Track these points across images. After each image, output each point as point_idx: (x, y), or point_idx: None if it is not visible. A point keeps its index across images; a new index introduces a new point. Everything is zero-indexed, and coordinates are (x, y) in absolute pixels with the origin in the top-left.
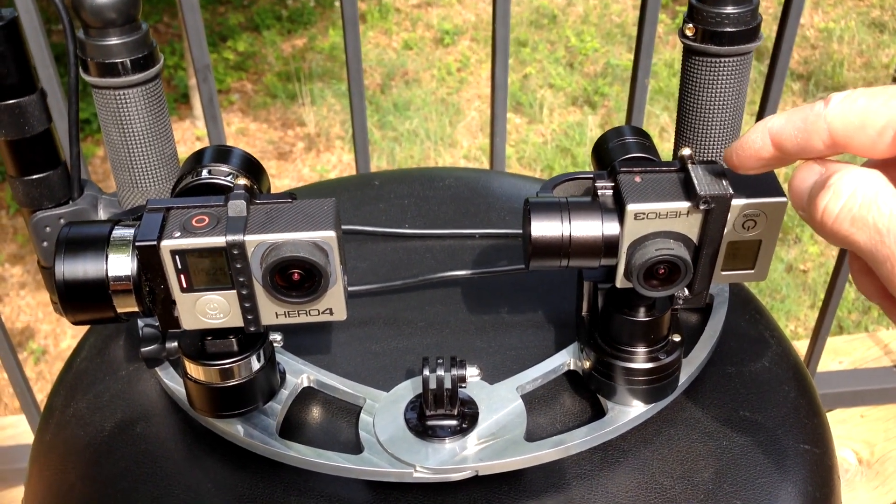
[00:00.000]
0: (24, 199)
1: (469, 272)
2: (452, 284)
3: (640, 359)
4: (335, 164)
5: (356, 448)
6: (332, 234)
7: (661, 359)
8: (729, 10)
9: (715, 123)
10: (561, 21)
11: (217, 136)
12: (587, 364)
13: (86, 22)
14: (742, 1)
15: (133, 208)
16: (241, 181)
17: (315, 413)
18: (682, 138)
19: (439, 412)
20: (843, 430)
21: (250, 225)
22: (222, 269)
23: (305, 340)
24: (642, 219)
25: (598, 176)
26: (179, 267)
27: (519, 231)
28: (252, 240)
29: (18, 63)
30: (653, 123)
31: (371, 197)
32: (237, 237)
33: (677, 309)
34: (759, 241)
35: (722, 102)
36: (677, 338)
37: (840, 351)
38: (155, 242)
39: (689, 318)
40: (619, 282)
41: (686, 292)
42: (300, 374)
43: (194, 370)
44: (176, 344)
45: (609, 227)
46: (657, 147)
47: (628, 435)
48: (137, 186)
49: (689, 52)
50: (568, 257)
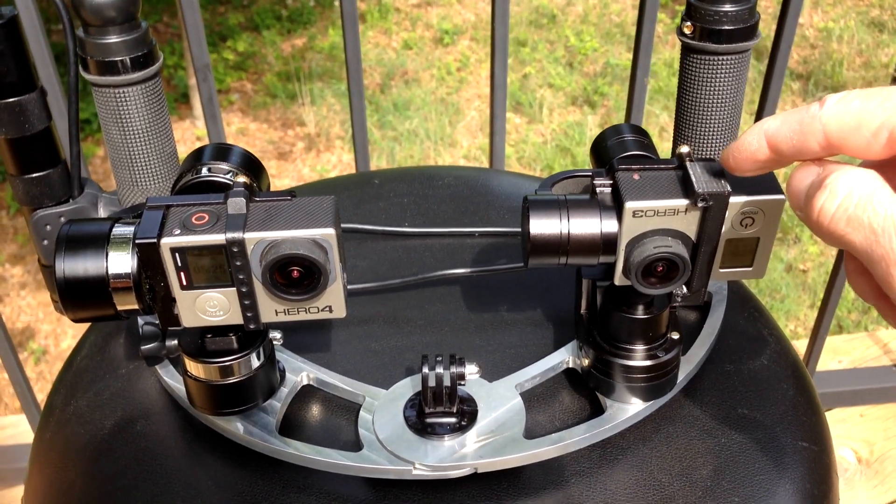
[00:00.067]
0: (25, 198)
1: (468, 270)
2: (452, 283)
3: (639, 356)
4: (335, 163)
5: (355, 446)
6: (331, 231)
7: (659, 356)
8: (727, 8)
9: (713, 121)
10: (560, 21)
11: (217, 135)
12: (586, 362)
13: (85, 20)
14: None
15: (133, 206)
16: (241, 179)
17: (314, 411)
18: (680, 136)
19: (438, 410)
20: (843, 430)
21: (250, 222)
22: (222, 266)
23: (305, 338)
24: (641, 216)
25: (597, 174)
26: (179, 264)
27: (518, 229)
28: (252, 237)
29: (18, 61)
30: (652, 123)
31: (371, 195)
32: (237, 235)
33: (676, 307)
34: (758, 238)
35: (720, 100)
36: (676, 335)
37: (839, 350)
38: (155, 240)
39: (688, 316)
40: (618, 279)
41: (684, 290)
42: (300, 371)
43: (194, 368)
44: (176, 342)
45: (607, 224)
46: (657, 147)
47: (627, 432)
48: (137, 185)
49: (687, 51)
50: (567, 255)
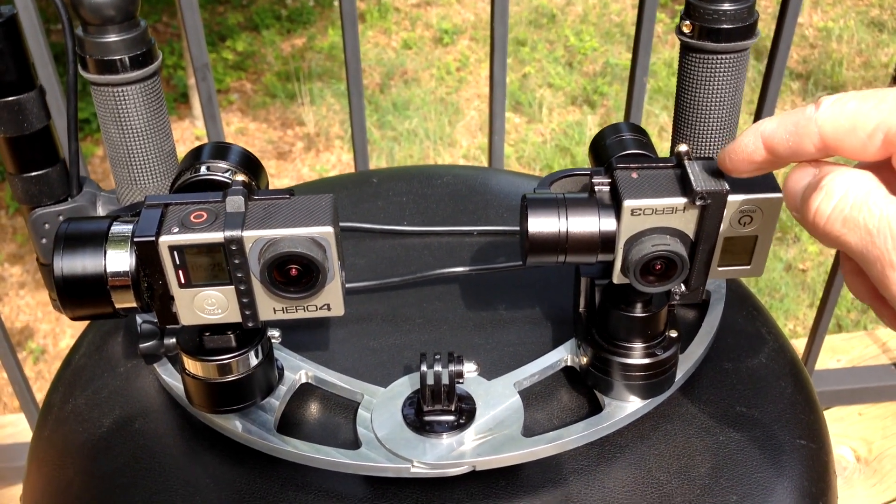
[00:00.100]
0: (24, 196)
1: (467, 269)
2: (450, 281)
3: (637, 354)
4: (334, 163)
5: (354, 444)
6: (329, 229)
7: (657, 354)
8: (726, 6)
9: (712, 120)
10: (560, 20)
11: (216, 135)
12: (584, 360)
13: (84, 19)
14: None
15: (132, 204)
16: (240, 177)
17: (313, 409)
18: (679, 135)
19: (437, 408)
20: (841, 428)
21: (248, 220)
22: (220, 264)
23: (304, 337)
24: (639, 214)
25: (595, 172)
26: (178, 262)
27: (517, 228)
28: (250, 235)
29: (17, 60)
30: (652, 123)
31: (369, 194)
32: (235, 233)
33: (674, 305)
34: (756, 236)
35: (719, 99)
36: (674, 334)
37: (838, 349)
38: (153, 238)
39: (687, 315)
40: (616, 278)
41: (682, 288)
42: (298, 370)
43: (192, 366)
44: (174, 340)
45: (606, 222)
46: (657, 147)
47: (625, 430)
48: (136, 183)
49: (686, 49)
50: (565, 253)
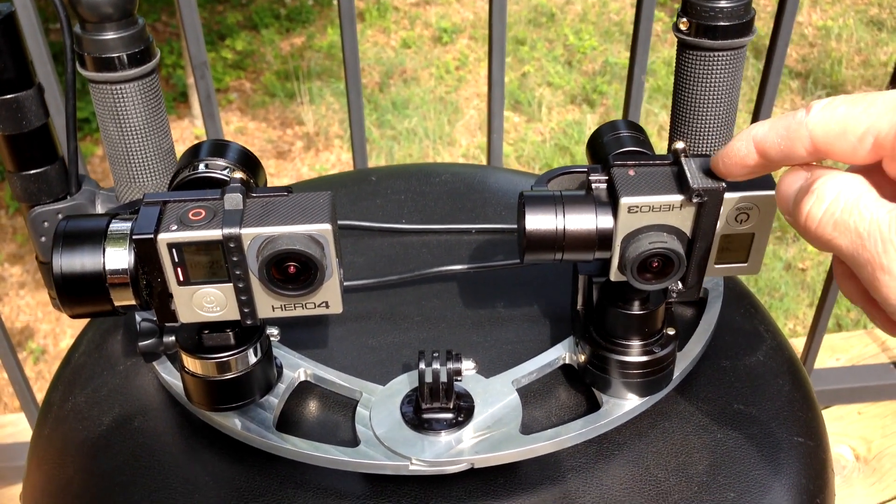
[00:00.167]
0: (22, 195)
1: (465, 267)
2: (449, 279)
3: (635, 352)
4: (334, 162)
5: (353, 441)
6: (327, 227)
7: (655, 352)
8: (722, 4)
9: (709, 117)
10: (559, 19)
11: (215, 133)
12: (582, 358)
13: (82, 17)
14: None
15: (130, 202)
16: (238, 175)
17: (312, 407)
18: (676, 132)
19: (435, 405)
20: (841, 427)
21: (247, 218)
22: (219, 262)
23: (302, 335)
24: (636, 212)
25: (593, 170)
26: (176, 260)
27: (515, 226)
28: (248, 233)
29: (15, 58)
30: (651, 122)
31: (368, 192)
32: (233, 230)
33: (671, 302)
34: (752, 234)
35: (716, 96)
36: (672, 331)
37: (837, 348)
38: (152, 235)
39: (684, 313)
40: (614, 275)
41: (680, 285)
42: (297, 368)
43: (191, 364)
44: (173, 338)
45: (603, 220)
46: (656, 146)
47: (623, 428)
48: (135, 181)
49: (683, 47)
50: (562, 251)
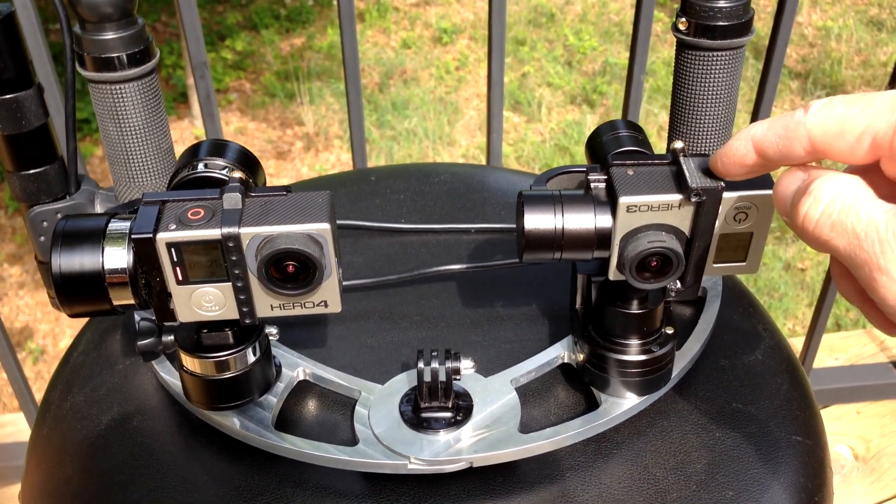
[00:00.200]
0: (22, 194)
1: (464, 266)
2: (448, 278)
3: (634, 351)
4: (333, 163)
5: (351, 440)
6: (326, 226)
7: (654, 351)
8: (721, 4)
9: (707, 117)
10: (559, 20)
11: (214, 133)
12: (581, 357)
13: (82, 17)
14: None
15: (129, 201)
16: (237, 174)
17: (311, 406)
18: (675, 132)
19: (434, 404)
20: (839, 427)
21: (245, 217)
22: (218, 261)
23: (301, 334)
24: (634, 211)
25: (592, 169)
26: (175, 259)
27: (514, 225)
28: (247, 232)
29: (15, 58)
30: (651, 122)
31: (367, 192)
32: (232, 229)
33: (670, 301)
34: (751, 233)
35: (714, 96)
36: (670, 330)
37: (836, 347)
38: (151, 235)
39: (683, 312)
40: (612, 274)
41: (678, 284)
42: (296, 367)
43: (190, 363)
44: (172, 337)
45: (602, 219)
46: (656, 147)
47: (622, 427)
48: (134, 181)
49: (682, 46)
50: (561, 250)
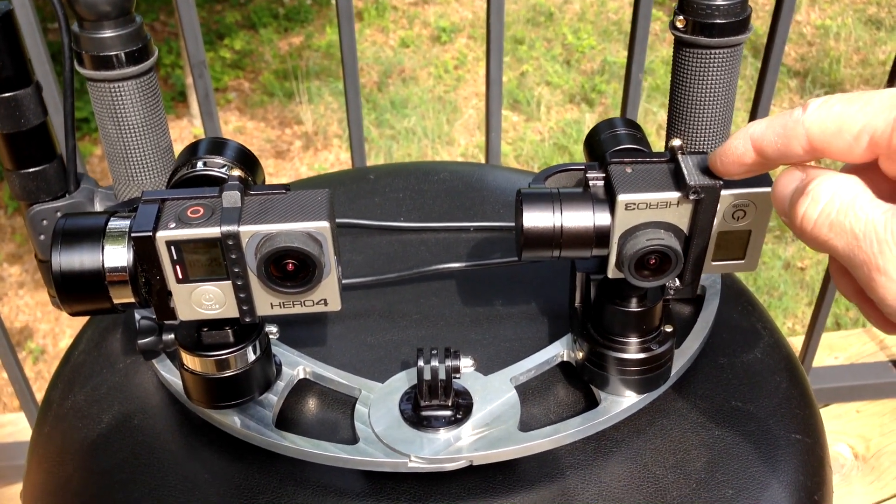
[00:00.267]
0: (21, 193)
1: (463, 265)
2: (447, 277)
3: (633, 349)
4: (333, 162)
5: (352, 439)
6: (325, 224)
7: (653, 349)
8: (719, 1)
9: (705, 115)
10: (558, 18)
11: (213, 132)
12: (580, 355)
13: (80, 15)
14: None
15: (129, 200)
16: (236, 173)
17: (311, 404)
18: (673, 130)
19: (434, 403)
20: (839, 426)
21: (245, 216)
22: (217, 259)
23: (301, 333)
24: (633, 209)
25: (590, 167)
26: (175, 258)
27: (513, 224)
28: (247, 230)
29: (13, 56)
30: (650, 121)
31: (366, 191)
32: (232, 228)
33: (669, 299)
34: (749, 231)
35: (712, 94)
36: (669, 328)
37: (836, 346)
38: (150, 233)
39: (682, 310)
40: (611, 272)
41: (677, 282)
42: (296, 365)
43: (191, 361)
44: (172, 336)
45: (600, 217)
46: (655, 145)
47: (621, 425)
48: (133, 179)
49: (679, 44)
50: (560, 248)
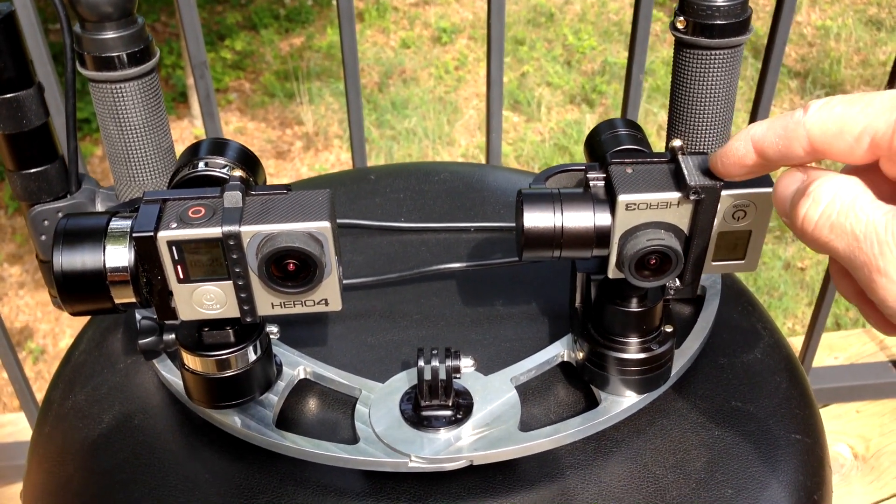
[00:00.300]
0: (23, 193)
1: (464, 265)
2: (447, 277)
3: (633, 349)
4: (333, 162)
5: (352, 439)
6: (326, 224)
7: (653, 349)
8: (719, 2)
9: (706, 116)
10: (558, 19)
11: (214, 133)
12: (581, 355)
13: (82, 16)
14: None
15: (130, 200)
16: (237, 173)
17: (311, 404)
18: (673, 131)
19: (434, 403)
20: (839, 426)
21: (246, 216)
22: (219, 259)
23: (302, 333)
24: (633, 209)
25: (591, 167)
26: (176, 258)
27: (513, 224)
28: (248, 230)
29: (15, 57)
30: (650, 121)
31: (367, 191)
32: (233, 228)
33: (669, 300)
34: (749, 231)
35: (713, 95)
36: (669, 329)
37: (835, 346)
38: (152, 233)
39: (682, 310)
40: (612, 272)
41: (677, 283)
42: (297, 365)
43: (191, 361)
44: (173, 336)
45: (601, 217)
46: (655, 146)
47: (621, 425)
48: (135, 180)
49: (680, 45)
50: (560, 248)
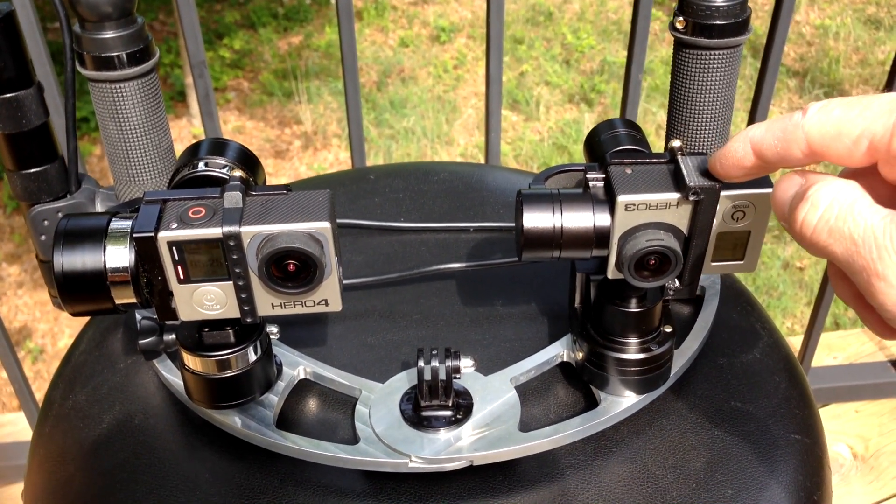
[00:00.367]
0: (22, 193)
1: (463, 265)
2: (447, 277)
3: (633, 350)
4: (332, 161)
5: (352, 439)
6: (326, 225)
7: (652, 350)
8: (718, 2)
9: (705, 116)
10: (557, 18)
11: (213, 132)
12: (580, 355)
13: (82, 16)
14: None
15: (130, 200)
16: (237, 173)
17: (311, 404)
18: (673, 131)
19: (434, 403)
20: (838, 425)
21: (246, 216)
22: (219, 260)
23: (302, 333)
24: (633, 210)
25: (590, 168)
26: (176, 258)
27: (513, 224)
28: (248, 231)
29: (15, 57)
30: (649, 121)
31: (366, 191)
32: (233, 228)
33: (668, 300)
34: (749, 231)
35: (712, 95)
36: (669, 329)
37: (834, 346)
38: (152, 234)
39: (682, 310)
40: (611, 273)
41: (676, 283)
42: (297, 366)
43: (192, 361)
44: (173, 336)
45: (600, 218)
46: (654, 146)
47: (621, 425)
48: (134, 180)
49: (679, 46)
50: (560, 248)
